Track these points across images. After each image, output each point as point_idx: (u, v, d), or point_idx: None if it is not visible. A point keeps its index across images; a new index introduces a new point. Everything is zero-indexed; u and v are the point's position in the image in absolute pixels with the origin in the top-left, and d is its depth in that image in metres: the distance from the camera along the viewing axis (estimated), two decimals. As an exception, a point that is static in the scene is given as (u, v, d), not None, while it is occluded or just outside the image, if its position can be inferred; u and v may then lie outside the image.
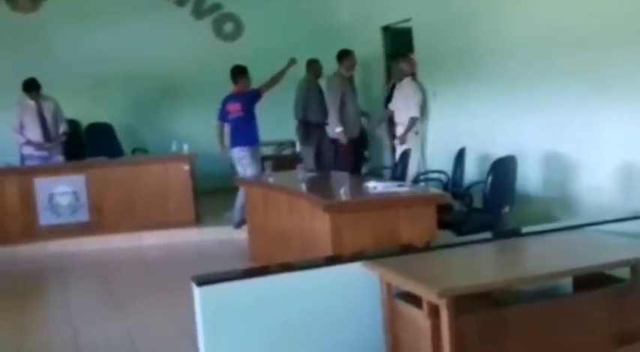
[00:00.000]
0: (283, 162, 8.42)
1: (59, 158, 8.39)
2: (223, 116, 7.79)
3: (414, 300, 2.94)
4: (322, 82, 8.76)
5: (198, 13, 10.56)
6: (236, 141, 7.71)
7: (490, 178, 5.02)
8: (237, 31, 10.76)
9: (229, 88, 7.86)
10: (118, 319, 5.13)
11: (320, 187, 5.77)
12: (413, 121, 7.94)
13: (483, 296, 3.01)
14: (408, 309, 3.01)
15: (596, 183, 5.90)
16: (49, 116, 8.28)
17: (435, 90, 8.06)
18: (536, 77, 6.46)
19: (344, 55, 8.35)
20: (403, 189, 4.92)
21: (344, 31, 9.86)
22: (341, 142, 8.20)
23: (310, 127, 8.75)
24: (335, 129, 8.21)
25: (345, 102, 8.20)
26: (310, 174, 6.17)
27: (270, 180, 6.40)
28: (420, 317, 2.90)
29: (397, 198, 4.71)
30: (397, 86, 8.33)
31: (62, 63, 9.69)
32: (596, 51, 5.75)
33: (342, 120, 8.15)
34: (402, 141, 7.96)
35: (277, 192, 5.96)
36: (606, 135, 5.77)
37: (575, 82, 6.00)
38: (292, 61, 7.92)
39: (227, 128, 7.84)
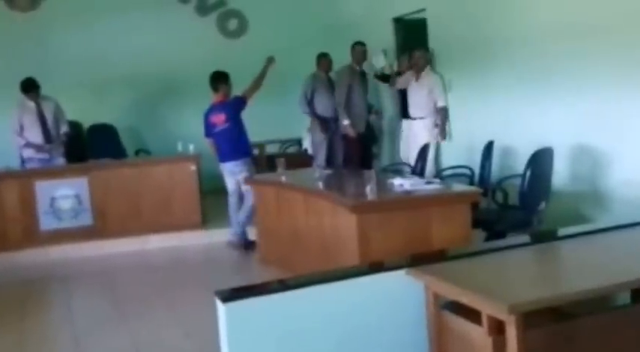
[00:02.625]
0: (291, 160, 8.04)
1: (60, 160, 8.08)
2: (209, 131, 7.07)
3: (467, 313, 2.59)
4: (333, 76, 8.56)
5: (202, 9, 10.22)
6: (228, 155, 6.98)
7: (529, 172, 4.65)
8: (242, 27, 10.44)
9: (233, 87, 7.33)
10: (123, 328, 4.86)
11: (340, 185, 5.46)
12: (445, 112, 7.68)
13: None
14: (460, 323, 2.66)
15: (629, 177, 5.55)
16: (49, 117, 7.99)
17: (450, 80, 7.72)
18: (558, 64, 6.11)
19: (353, 48, 8.27)
20: (433, 186, 4.58)
21: (353, 24, 9.52)
22: (349, 136, 8.04)
23: (321, 122, 8.47)
24: (342, 122, 8.04)
25: (351, 95, 8.05)
26: (327, 172, 5.82)
27: (283, 178, 6.07)
28: (477, 334, 2.55)
29: (429, 196, 4.38)
30: (410, 79, 8.02)
31: (62, 62, 9.40)
32: (625, 33, 5.41)
33: (349, 114, 8.00)
34: (444, 135, 7.69)
35: (292, 191, 5.63)
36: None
37: (603, 68, 5.64)
38: (270, 61, 7.38)
39: (214, 143, 7.12)
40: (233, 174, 6.98)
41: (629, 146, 5.55)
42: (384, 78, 8.58)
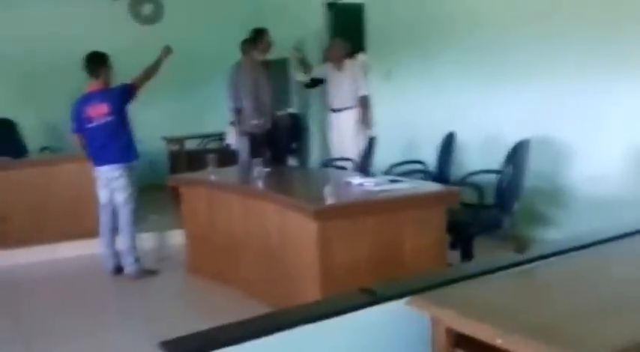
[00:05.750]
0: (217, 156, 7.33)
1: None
2: (81, 125, 5.65)
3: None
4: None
5: (113, -8, 9.35)
6: (105, 158, 5.62)
7: (510, 167, 4.12)
8: (157, 13, 9.71)
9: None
10: None
11: (288, 186, 4.77)
12: (368, 100, 7.33)
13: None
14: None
15: (593, 173, 5.15)
16: None
17: (389, 69, 7.20)
18: (513, 49, 5.70)
19: (258, 36, 7.29)
20: (402, 185, 3.98)
21: (281, 9, 8.90)
22: (255, 136, 7.19)
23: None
24: (251, 122, 7.18)
25: (258, 90, 7.18)
26: (267, 170, 5.15)
27: (213, 177, 5.37)
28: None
29: (401, 197, 3.77)
30: (330, 72, 7.57)
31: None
32: (591, 15, 5.00)
33: (256, 109, 7.15)
34: (369, 125, 7.30)
35: (227, 192, 4.93)
36: (608, 116, 5.02)
37: (565, 53, 5.25)
38: (167, 49, 6.08)
39: (87, 141, 5.75)
40: (107, 181, 5.67)
41: (592, 140, 5.16)
42: (314, 84, 8.05)
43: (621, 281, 2.30)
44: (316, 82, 7.98)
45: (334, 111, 7.57)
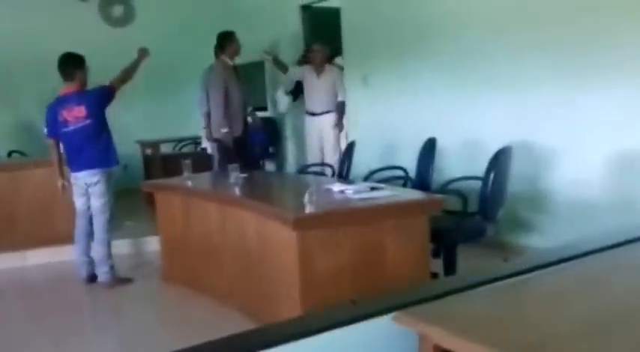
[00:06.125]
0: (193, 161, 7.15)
1: None
2: (56, 130, 5.42)
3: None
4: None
5: (81, -7, 9.16)
6: (82, 163, 5.36)
7: (492, 174, 4.03)
8: (128, 15, 9.55)
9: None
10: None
11: (265, 193, 4.64)
12: (344, 106, 7.44)
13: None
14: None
15: (574, 177, 5.10)
16: None
17: (365, 75, 7.11)
18: (496, 55, 5.64)
19: (225, 39, 6.97)
20: (383, 193, 3.87)
21: (255, 11, 8.75)
22: (226, 143, 6.88)
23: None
24: (220, 129, 6.86)
25: (229, 96, 6.84)
26: (243, 175, 5.02)
27: (190, 183, 5.23)
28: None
29: (383, 205, 3.65)
30: (308, 75, 7.59)
31: None
32: (574, 21, 4.96)
33: (227, 119, 6.82)
34: (341, 127, 7.40)
35: (203, 199, 4.80)
36: (588, 120, 4.98)
37: (546, 55, 5.19)
38: (143, 51, 5.88)
39: (63, 145, 5.52)
40: (84, 187, 5.41)
41: (573, 144, 5.11)
42: (296, 95, 8.07)
43: (623, 294, 2.20)
44: (297, 93, 7.94)
45: (314, 114, 7.54)
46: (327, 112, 7.46)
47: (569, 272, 2.44)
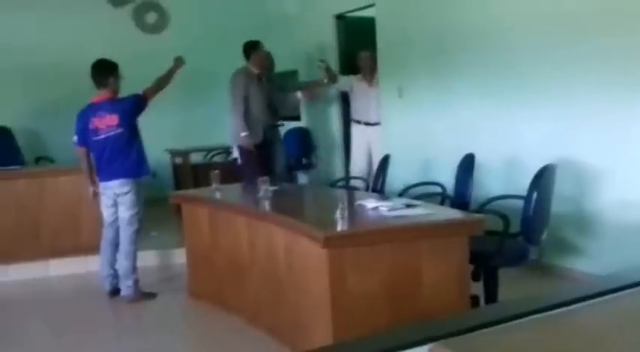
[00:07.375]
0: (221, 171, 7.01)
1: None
2: (86, 138, 5.28)
3: None
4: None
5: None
6: (113, 172, 5.23)
7: (535, 193, 3.77)
8: (162, 22, 9.40)
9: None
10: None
11: (296, 208, 4.44)
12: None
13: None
14: None
15: (622, 197, 4.81)
16: None
17: (400, 86, 6.90)
18: (532, 64, 5.40)
19: (250, 49, 7.07)
20: (419, 211, 3.64)
21: (289, 21, 8.61)
22: (246, 149, 6.90)
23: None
24: (240, 134, 6.89)
25: (249, 103, 6.90)
26: (274, 188, 4.81)
27: (218, 195, 5.04)
28: None
29: (419, 225, 3.43)
30: (357, 85, 7.44)
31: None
32: (614, 36, 4.71)
33: (247, 125, 6.87)
34: None
35: (232, 212, 4.61)
36: (635, 137, 4.69)
37: (589, 65, 4.93)
38: (179, 61, 5.74)
39: (93, 154, 5.37)
40: (115, 196, 5.27)
41: (620, 162, 4.83)
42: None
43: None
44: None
45: (368, 124, 7.40)
46: (378, 124, 7.32)
47: (617, 304, 2.19)
